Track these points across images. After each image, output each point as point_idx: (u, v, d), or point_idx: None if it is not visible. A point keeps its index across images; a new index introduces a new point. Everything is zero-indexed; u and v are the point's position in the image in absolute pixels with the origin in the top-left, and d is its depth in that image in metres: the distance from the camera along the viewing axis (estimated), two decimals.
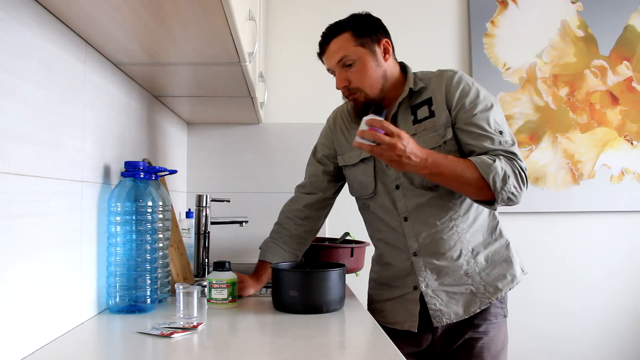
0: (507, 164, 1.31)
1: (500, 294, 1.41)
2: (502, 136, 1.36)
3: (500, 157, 1.32)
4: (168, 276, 1.38)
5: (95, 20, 1.05)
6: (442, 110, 1.40)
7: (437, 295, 1.41)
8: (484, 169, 1.29)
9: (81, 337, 1.04)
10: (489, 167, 1.28)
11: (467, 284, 1.41)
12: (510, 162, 1.33)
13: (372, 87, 1.41)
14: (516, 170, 1.32)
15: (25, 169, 0.90)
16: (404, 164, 1.24)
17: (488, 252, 1.44)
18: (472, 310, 1.41)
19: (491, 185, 1.28)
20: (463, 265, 1.41)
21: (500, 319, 1.45)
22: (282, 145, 2.38)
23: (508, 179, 1.29)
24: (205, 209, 1.84)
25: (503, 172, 1.29)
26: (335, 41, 1.41)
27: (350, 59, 1.39)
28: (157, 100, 1.82)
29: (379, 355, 0.95)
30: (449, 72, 1.43)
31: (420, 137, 1.39)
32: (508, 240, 1.48)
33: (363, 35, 1.40)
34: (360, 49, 1.39)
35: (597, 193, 2.45)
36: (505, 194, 1.31)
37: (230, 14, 1.01)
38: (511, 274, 1.44)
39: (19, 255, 0.88)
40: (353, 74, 1.40)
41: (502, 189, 1.29)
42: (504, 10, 2.49)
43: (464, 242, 1.42)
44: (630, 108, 2.48)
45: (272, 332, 1.15)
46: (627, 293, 2.47)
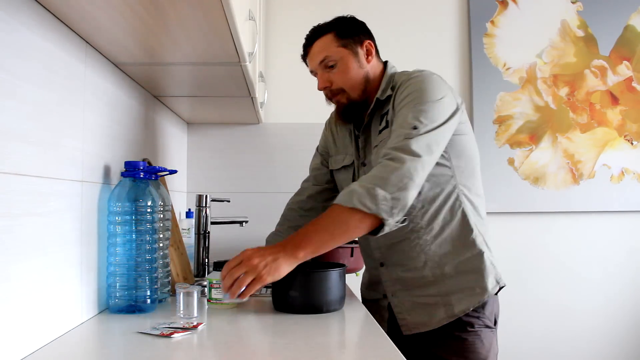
0: (370, 176, 1.21)
1: (467, 306, 1.34)
2: (412, 130, 1.24)
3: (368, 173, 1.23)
4: (168, 276, 1.38)
5: (95, 20, 1.05)
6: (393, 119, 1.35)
7: (404, 305, 1.39)
8: (344, 199, 1.19)
9: (81, 337, 1.04)
10: (348, 194, 1.19)
11: (433, 295, 1.36)
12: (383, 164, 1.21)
13: (354, 88, 1.41)
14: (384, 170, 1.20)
15: (25, 169, 0.90)
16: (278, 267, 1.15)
17: (456, 263, 1.36)
18: (438, 321, 1.35)
19: (364, 209, 1.17)
20: (429, 276, 1.37)
21: (481, 329, 1.36)
22: (282, 145, 2.38)
23: (375, 190, 1.17)
24: (205, 209, 1.84)
25: (365, 189, 1.18)
26: (318, 42, 1.41)
27: (333, 60, 1.39)
28: (157, 100, 1.82)
29: (379, 355, 0.95)
30: (403, 78, 1.37)
31: (379, 149, 1.36)
32: (482, 251, 1.37)
33: (346, 37, 1.40)
34: (343, 49, 1.39)
35: (597, 193, 2.45)
36: (386, 206, 1.18)
37: (230, 14, 1.01)
38: (481, 287, 1.35)
39: (19, 255, 0.88)
40: (335, 75, 1.40)
41: (378, 205, 1.17)
42: (504, 10, 2.48)
43: (429, 254, 1.37)
44: (630, 108, 2.48)
45: (272, 332, 1.15)
46: (626, 293, 2.47)
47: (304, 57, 1.47)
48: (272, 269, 1.15)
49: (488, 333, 1.38)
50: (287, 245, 1.18)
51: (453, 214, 1.37)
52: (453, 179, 1.37)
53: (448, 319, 1.35)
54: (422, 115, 1.26)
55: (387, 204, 1.18)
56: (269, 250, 1.17)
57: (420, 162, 1.22)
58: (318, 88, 1.44)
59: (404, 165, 1.20)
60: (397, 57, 1.53)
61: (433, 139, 1.25)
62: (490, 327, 1.39)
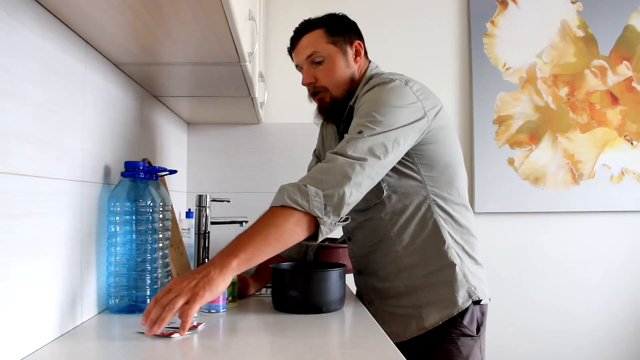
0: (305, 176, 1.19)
1: (437, 320, 1.31)
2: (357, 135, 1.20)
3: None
4: (168, 276, 1.38)
5: (95, 20, 1.05)
6: None
7: (380, 315, 1.38)
8: (276, 200, 1.14)
9: (81, 337, 1.04)
10: (280, 194, 1.14)
11: (406, 306, 1.35)
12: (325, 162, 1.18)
13: (337, 88, 1.39)
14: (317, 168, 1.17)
15: (25, 169, 0.90)
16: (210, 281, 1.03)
17: (427, 274, 1.33)
18: (409, 333, 1.33)
19: (294, 205, 1.11)
20: (401, 287, 1.36)
21: (459, 337, 1.32)
22: (282, 145, 2.38)
23: (306, 186, 1.13)
24: (205, 209, 1.84)
25: (295, 187, 1.14)
26: (307, 37, 1.39)
27: (320, 56, 1.38)
28: (157, 100, 1.82)
29: (379, 355, 0.95)
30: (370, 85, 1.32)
31: None
32: (456, 263, 1.32)
33: (336, 34, 1.38)
34: (332, 46, 1.38)
35: (597, 193, 2.45)
36: (318, 202, 1.12)
37: (230, 14, 1.01)
38: (451, 300, 1.31)
39: (19, 255, 0.88)
40: (321, 71, 1.38)
41: (309, 201, 1.12)
42: (504, 10, 2.48)
43: (400, 264, 1.35)
44: (630, 108, 2.48)
45: (272, 332, 1.15)
46: (626, 293, 2.47)
47: (291, 50, 1.45)
48: (205, 284, 1.02)
49: (467, 341, 1.33)
50: (217, 258, 1.07)
51: (424, 225, 1.34)
52: (423, 189, 1.33)
53: (419, 332, 1.33)
54: (371, 121, 1.21)
55: (319, 200, 1.12)
56: (198, 269, 1.06)
57: (359, 163, 1.16)
58: (302, 83, 1.42)
59: (335, 163, 1.16)
60: (397, 56, 1.53)
61: (379, 142, 1.19)
62: (471, 335, 1.33)
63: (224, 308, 1.25)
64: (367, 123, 1.21)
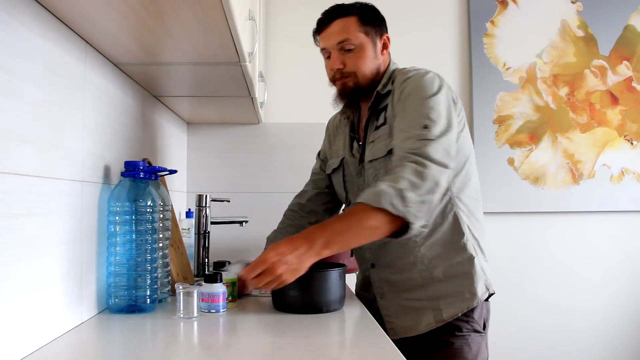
0: (394, 177, 1.18)
1: (456, 312, 1.32)
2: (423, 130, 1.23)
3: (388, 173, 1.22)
4: (168, 276, 1.38)
5: (95, 20, 1.05)
6: (390, 117, 1.34)
7: (392, 308, 1.38)
8: (372, 199, 1.15)
9: (81, 337, 1.04)
10: (376, 194, 1.15)
11: (422, 299, 1.35)
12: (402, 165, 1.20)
13: (365, 77, 1.39)
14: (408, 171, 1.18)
15: (25, 169, 0.90)
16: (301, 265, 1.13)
17: (446, 267, 1.34)
18: (426, 325, 1.33)
19: (393, 210, 1.14)
20: (417, 279, 1.35)
21: (469, 334, 1.33)
22: (282, 145, 2.38)
23: (404, 192, 1.15)
24: (205, 209, 1.84)
25: (394, 190, 1.15)
26: (339, 22, 1.37)
27: (352, 44, 1.36)
28: (157, 100, 1.82)
29: (379, 355, 0.95)
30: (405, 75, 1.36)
31: (374, 145, 1.36)
32: (473, 255, 1.34)
33: (368, 24, 1.38)
34: (364, 36, 1.37)
35: (597, 193, 2.45)
36: (413, 208, 1.16)
37: (230, 13, 1.01)
38: (470, 292, 1.32)
39: (19, 255, 0.88)
40: (350, 59, 1.38)
41: (406, 206, 1.15)
42: (504, 10, 2.49)
43: (418, 256, 1.35)
44: (630, 108, 2.48)
45: (272, 332, 1.15)
46: (626, 293, 2.47)
47: (317, 32, 1.42)
48: (295, 271, 1.13)
49: (476, 338, 1.35)
50: (314, 246, 1.13)
51: (444, 217, 1.34)
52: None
53: (436, 324, 1.33)
54: (430, 112, 1.25)
55: (415, 207, 1.16)
56: (294, 255, 1.12)
57: (444, 170, 1.22)
58: (331, 67, 1.40)
59: (430, 170, 1.19)
60: (397, 56, 1.52)
61: (447, 145, 1.24)
62: (479, 331, 1.36)
63: (224, 308, 1.25)
64: (429, 116, 1.25)
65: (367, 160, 1.38)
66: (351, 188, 1.48)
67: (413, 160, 1.20)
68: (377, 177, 1.34)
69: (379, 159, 1.34)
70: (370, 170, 1.38)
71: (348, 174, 1.49)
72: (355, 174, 1.45)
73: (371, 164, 1.38)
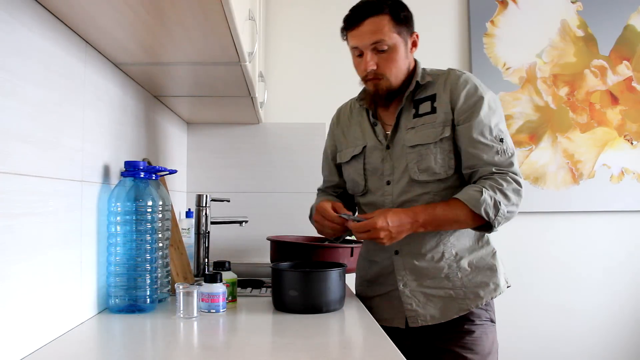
0: (495, 187, 1.31)
1: (481, 301, 1.38)
2: (502, 144, 1.35)
3: (487, 181, 1.33)
4: (168, 276, 1.39)
5: (95, 20, 1.05)
6: (444, 108, 1.39)
7: (415, 296, 1.40)
8: (473, 203, 1.30)
9: (81, 337, 1.04)
10: (477, 201, 1.29)
11: (447, 288, 1.38)
12: (502, 179, 1.33)
13: (397, 77, 1.40)
14: (509, 187, 1.32)
15: (25, 169, 0.90)
16: (398, 235, 1.31)
17: (472, 258, 1.41)
18: (449, 314, 1.38)
19: (484, 217, 1.31)
20: (444, 268, 1.39)
21: (487, 323, 1.41)
22: (282, 145, 2.38)
23: (499, 204, 1.31)
24: (205, 209, 1.84)
25: (493, 201, 1.30)
26: (372, 20, 1.34)
27: (386, 45, 1.35)
28: (157, 100, 1.82)
29: (379, 355, 0.95)
30: (457, 72, 1.42)
31: (417, 132, 1.40)
32: (495, 250, 1.45)
33: (401, 23, 1.36)
34: (397, 36, 1.36)
35: (597, 193, 2.45)
36: (500, 219, 1.32)
37: (230, 13, 1.01)
38: (494, 283, 1.40)
39: (19, 255, 0.88)
40: (383, 60, 1.37)
41: (496, 216, 1.31)
42: (504, 10, 2.49)
43: (447, 245, 1.40)
44: (630, 108, 2.48)
45: (272, 332, 1.15)
46: (627, 293, 2.47)
47: (348, 29, 1.39)
48: (392, 239, 1.31)
49: (491, 327, 1.42)
50: (415, 224, 1.32)
51: None
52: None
53: (458, 313, 1.38)
54: (499, 125, 1.37)
55: (502, 218, 1.32)
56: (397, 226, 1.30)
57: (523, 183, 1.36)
58: (364, 67, 1.38)
59: (520, 189, 1.34)
60: None
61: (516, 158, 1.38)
62: (494, 322, 1.44)
63: (224, 308, 1.25)
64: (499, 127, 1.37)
65: (409, 145, 1.40)
66: (372, 174, 1.47)
67: (511, 177, 1.34)
68: (421, 162, 1.38)
69: (428, 144, 1.38)
70: (412, 155, 1.39)
71: (370, 161, 1.47)
72: (380, 160, 1.45)
73: (414, 149, 1.39)
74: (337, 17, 1.45)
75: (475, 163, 1.36)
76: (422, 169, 1.38)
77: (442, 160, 1.37)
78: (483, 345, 1.39)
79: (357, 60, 1.41)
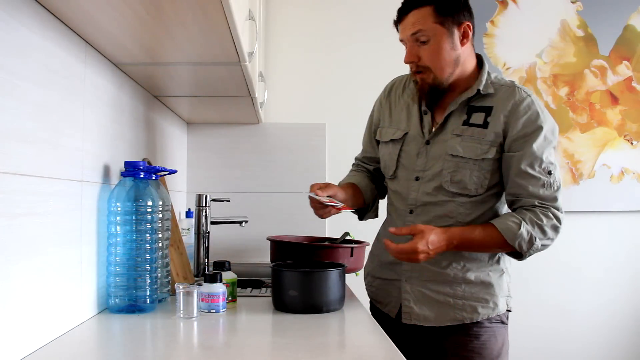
0: (534, 222, 1.31)
1: (477, 317, 1.36)
2: (550, 177, 1.34)
3: (528, 214, 1.32)
4: (168, 276, 1.38)
5: (95, 20, 1.05)
6: (496, 126, 1.34)
7: (414, 293, 1.40)
8: (509, 235, 1.30)
9: (81, 337, 1.04)
10: (514, 234, 1.30)
11: (446, 294, 1.37)
12: (543, 214, 1.32)
13: (442, 70, 1.34)
14: (549, 223, 1.33)
15: (25, 169, 0.90)
16: (435, 255, 1.30)
17: (479, 273, 1.39)
18: (442, 321, 1.37)
19: (517, 249, 1.32)
20: (449, 276, 1.38)
21: (496, 325, 1.39)
22: (282, 145, 2.38)
23: (535, 240, 1.31)
24: (205, 209, 1.84)
25: (529, 236, 1.30)
26: (415, 12, 1.32)
27: (426, 36, 1.31)
28: (157, 100, 1.82)
29: (379, 355, 0.95)
30: (522, 93, 1.36)
31: (462, 141, 1.36)
32: (504, 271, 1.42)
33: (445, 14, 1.31)
34: (439, 27, 1.31)
35: (597, 193, 2.45)
36: (532, 252, 1.34)
37: (230, 13, 1.01)
38: (494, 302, 1.38)
39: (19, 255, 0.88)
40: (425, 51, 1.33)
41: (528, 250, 1.32)
42: (504, 10, 2.49)
43: (457, 254, 1.37)
44: (630, 108, 2.48)
45: (272, 332, 1.15)
46: (627, 293, 2.47)
47: (397, 22, 1.37)
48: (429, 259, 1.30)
49: (502, 329, 1.40)
50: (450, 246, 1.31)
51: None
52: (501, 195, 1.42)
53: (452, 322, 1.36)
54: (550, 157, 1.35)
55: (534, 250, 1.34)
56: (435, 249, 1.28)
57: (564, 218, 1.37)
58: (404, 61, 1.37)
59: (559, 226, 1.35)
60: (397, 56, 1.52)
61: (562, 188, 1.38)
62: (505, 322, 1.42)
63: (224, 308, 1.25)
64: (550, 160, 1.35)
65: (450, 153, 1.36)
66: (404, 165, 1.44)
67: (553, 213, 1.34)
68: (456, 174, 1.36)
69: (468, 159, 1.35)
70: (449, 163, 1.36)
71: (406, 150, 1.44)
72: (416, 152, 1.42)
73: (454, 158, 1.36)
74: (337, 17, 1.45)
75: (519, 192, 1.34)
76: (455, 181, 1.36)
77: (477, 178, 1.35)
78: (491, 349, 1.37)
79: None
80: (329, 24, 1.46)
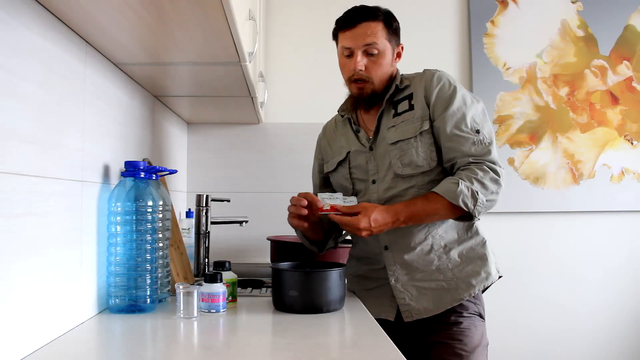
0: (471, 178, 1.33)
1: (474, 290, 1.41)
2: (478, 135, 1.38)
3: (464, 172, 1.35)
4: (168, 276, 1.38)
5: (95, 20, 1.05)
6: (421, 104, 1.43)
7: (407, 290, 1.42)
8: (450, 196, 1.33)
9: (81, 337, 1.04)
10: (454, 192, 1.32)
11: (438, 280, 1.41)
12: (478, 168, 1.35)
13: (381, 83, 1.46)
14: (486, 176, 1.35)
15: (25, 169, 0.90)
16: (379, 232, 1.35)
17: (462, 249, 1.44)
18: (443, 305, 1.40)
19: (464, 207, 1.33)
20: (434, 261, 1.42)
21: (475, 316, 1.43)
22: (282, 145, 2.38)
23: (477, 193, 1.33)
24: (205, 209, 1.84)
25: (470, 191, 1.32)
26: (367, 24, 1.41)
27: (377, 49, 1.42)
28: (158, 100, 1.82)
29: (379, 355, 0.95)
30: (432, 70, 1.47)
31: (398, 129, 1.44)
32: (485, 239, 1.47)
33: (392, 32, 1.44)
34: (387, 43, 1.43)
35: (597, 193, 2.45)
36: (480, 208, 1.34)
37: (230, 13, 1.01)
38: (486, 272, 1.43)
39: (19, 255, 0.88)
40: (372, 63, 1.43)
41: (475, 206, 1.33)
42: (504, 10, 2.48)
43: (436, 238, 1.42)
44: (630, 108, 2.48)
45: (272, 332, 1.15)
46: (626, 293, 2.47)
47: (341, 29, 1.44)
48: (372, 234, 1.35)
49: (480, 322, 1.44)
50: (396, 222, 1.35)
51: None
52: None
53: (452, 303, 1.40)
54: (476, 117, 1.40)
55: (481, 206, 1.34)
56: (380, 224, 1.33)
57: (503, 171, 1.39)
58: (352, 67, 1.43)
59: (501, 177, 1.37)
60: None
61: (494, 146, 1.40)
62: (482, 317, 1.46)
63: (224, 308, 1.25)
64: (476, 120, 1.40)
65: (390, 142, 1.44)
66: (358, 177, 1.51)
67: (488, 166, 1.36)
68: (404, 156, 1.42)
69: (408, 139, 1.42)
70: (394, 151, 1.43)
71: (355, 165, 1.52)
72: (365, 162, 1.50)
73: (396, 145, 1.43)
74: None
75: (453, 156, 1.39)
76: (405, 163, 1.42)
77: (423, 153, 1.41)
78: (471, 337, 1.40)
79: (344, 61, 1.47)
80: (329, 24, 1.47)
